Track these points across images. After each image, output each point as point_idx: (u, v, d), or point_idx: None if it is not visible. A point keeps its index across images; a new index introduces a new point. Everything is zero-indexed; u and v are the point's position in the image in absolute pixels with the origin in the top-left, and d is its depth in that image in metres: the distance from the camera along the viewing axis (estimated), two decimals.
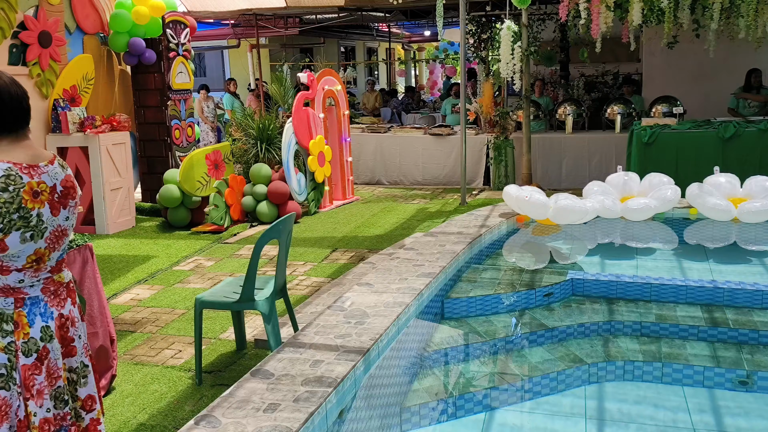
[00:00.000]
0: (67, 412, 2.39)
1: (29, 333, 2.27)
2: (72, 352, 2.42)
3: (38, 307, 2.31)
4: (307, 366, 2.97)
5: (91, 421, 2.47)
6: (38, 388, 2.28)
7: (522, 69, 8.56)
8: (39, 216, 2.24)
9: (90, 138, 7.30)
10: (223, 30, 15.53)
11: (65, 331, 2.40)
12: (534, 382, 3.57)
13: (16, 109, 2.28)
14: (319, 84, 8.52)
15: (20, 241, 2.21)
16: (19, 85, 2.32)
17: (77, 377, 2.44)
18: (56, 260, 2.39)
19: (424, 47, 24.20)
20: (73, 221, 2.44)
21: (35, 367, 2.28)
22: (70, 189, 2.39)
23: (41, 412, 2.29)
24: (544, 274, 4.78)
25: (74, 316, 2.45)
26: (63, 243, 2.40)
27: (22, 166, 2.24)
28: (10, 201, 2.17)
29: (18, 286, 2.28)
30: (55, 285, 2.38)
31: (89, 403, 2.47)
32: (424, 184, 10.24)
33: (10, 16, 6.78)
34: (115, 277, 5.74)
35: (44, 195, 2.27)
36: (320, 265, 5.99)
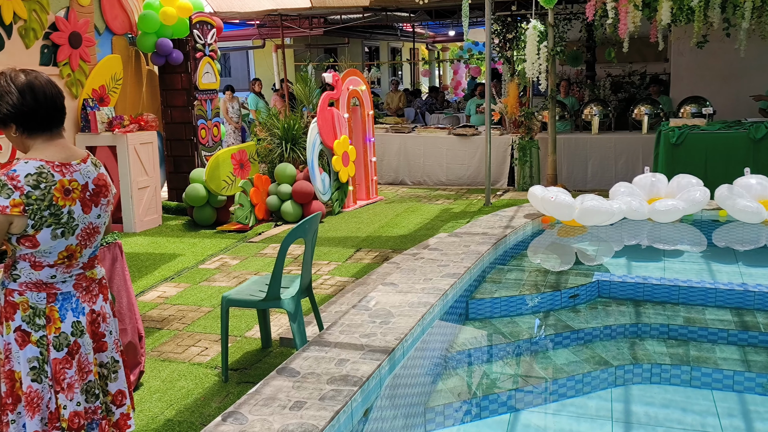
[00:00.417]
0: (98, 406, 2.43)
1: (60, 328, 2.32)
2: (103, 347, 2.47)
3: (70, 303, 2.36)
4: (333, 365, 2.99)
5: (121, 415, 2.51)
6: (69, 382, 2.33)
7: (548, 69, 8.50)
8: (70, 213, 2.29)
9: (118, 137, 7.40)
10: (248, 30, 15.65)
11: (96, 326, 2.44)
12: (559, 384, 3.54)
13: (51, 108, 2.33)
14: (344, 84, 8.54)
15: (51, 237, 2.26)
16: (54, 86, 2.37)
17: (108, 372, 2.49)
18: (88, 257, 2.43)
19: (448, 47, 24.12)
20: (106, 219, 2.48)
21: (66, 361, 2.33)
22: (102, 187, 2.43)
23: (71, 406, 2.33)
24: (570, 275, 4.74)
25: (106, 312, 2.49)
26: (95, 240, 2.44)
27: (54, 165, 2.29)
28: (41, 198, 2.22)
29: (50, 282, 2.33)
30: (87, 281, 2.43)
31: (119, 398, 2.51)
32: (448, 185, 10.21)
33: (42, 17, 6.90)
34: (143, 275, 5.81)
35: (76, 193, 2.32)
36: (344, 265, 6.01)
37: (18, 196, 2.19)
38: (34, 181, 2.22)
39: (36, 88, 2.30)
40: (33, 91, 2.29)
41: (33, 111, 2.29)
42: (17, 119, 2.29)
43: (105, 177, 2.48)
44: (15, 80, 2.29)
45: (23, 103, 2.27)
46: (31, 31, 6.81)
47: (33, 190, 2.21)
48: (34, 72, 2.36)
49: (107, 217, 2.51)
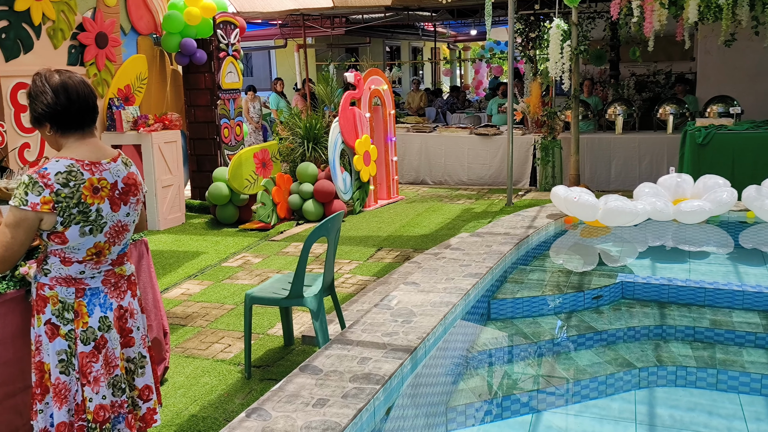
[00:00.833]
0: (124, 400, 2.47)
1: (88, 322, 2.37)
2: (130, 342, 2.51)
3: (98, 298, 2.41)
4: (355, 363, 3.00)
5: (147, 410, 2.56)
6: (95, 375, 2.38)
7: (571, 68, 8.44)
8: (98, 211, 2.33)
9: (143, 136, 7.48)
10: (270, 30, 15.74)
11: (124, 322, 2.49)
12: (582, 385, 3.52)
13: (83, 108, 2.37)
14: (366, 83, 8.56)
15: (79, 234, 2.31)
16: (87, 86, 2.42)
17: (135, 367, 2.53)
18: (117, 254, 2.48)
19: (469, 46, 24.05)
20: (135, 217, 2.52)
21: (92, 355, 2.38)
22: (132, 186, 2.47)
23: (97, 399, 2.38)
24: (593, 276, 4.71)
25: (134, 308, 2.53)
26: (124, 238, 2.48)
27: (84, 163, 2.33)
28: (70, 196, 2.27)
29: (79, 277, 2.38)
30: (115, 277, 2.47)
31: (146, 393, 2.55)
32: (469, 185, 10.18)
33: (69, 18, 7.00)
34: (166, 272, 5.87)
35: (104, 191, 2.36)
36: (365, 264, 6.02)
37: (48, 194, 2.24)
38: (63, 179, 2.27)
39: (69, 88, 2.34)
40: (66, 91, 2.34)
41: (66, 110, 2.34)
42: (51, 118, 2.35)
43: (135, 176, 2.51)
44: (50, 80, 2.35)
45: (57, 103, 2.32)
46: (59, 32, 6.92)
47: (62, 188, 2.26)
48: (68, 72, 2.41)
49: (137, 216, 2.54)
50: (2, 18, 6.29)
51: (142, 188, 2.57)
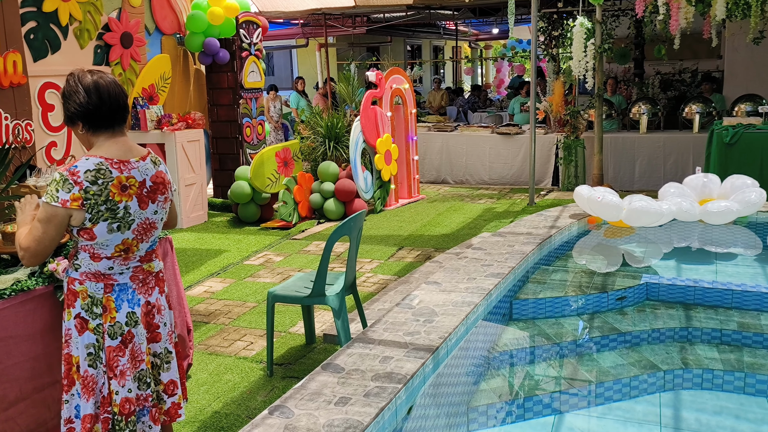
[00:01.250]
0: (149, 394, 2.52)
1: (115, 317, 2.43)
2: (157, 338, 2.55)
3: (126, 294, 2.46)
4: (377, 362, 3.00)
5: (172, 404, 2.60)
6: (121, 369, 2.43)
7: (594, 67, 8.36)
8: (126, 208, 2.38)
9: (167, 135, 7.56)
10: (292, 29, 15.80)
11: (151, 317, 2.53)
12: (605, 387, 3.48)
13: (114, 107, 2.42)
14: (387, 82, 8.56)
15: (107, 231, 2.35)
16: (118, 86, 2.47)
17: (161, 362, 2.57)
18: (145, 251, 2.52)
19: (491, 45, 23.93)
20: (163, 215, 2.56)
21: (119, 350, 2.43)
22: (160, 185, 2.51)
23: (123, 392, 2.43)
24: (617, 277, 4.66)
25: (161, 304, 2.58)
26: (152, 235, 2.52)
27: (112, 161, 2.38)
28: (98, 193, 2.31)
29: (108, 273, 2.43)
30: (144, 274, 2.52)
31: (171, 388, 2.59)
32: (491, 184, 10.14)
33: (95, 18, 7.09)
34: (189, 270, 5.92)
35: (133, 189, 2.40)
36: (386, 263, 6.02)
37: (77, 191, 2.29)
38: (92, 177, 2.32)
39: (101, 88, 2.39)
40: (98, 90, 2.39)
41: (97, 109, 2.39)
42: (83, 117, 2.41)
43: (164, 175, 2.55)
44: (82, 80, 2.40)
45: (89, 102, 2.38)
46: (86, 32, 7.01)
47: (91, 186, 2.31)
48: (100, 72, 2.46)
49: (164, 213, 2.58)
50: (31, 19, 6.38)
51: (171, 187, 2.60)
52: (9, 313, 2.77)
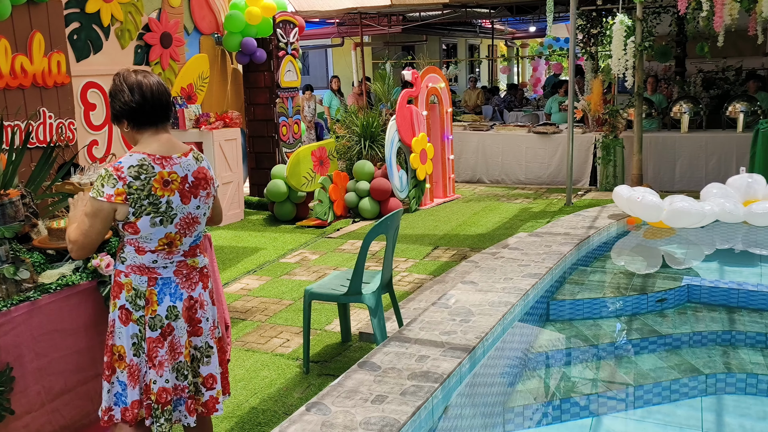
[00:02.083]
0: (185, 385, 2.57)
1: (156, 310, 2.49)
2: (198, 332, 2.60)
3: (169, 288, 2.52)
4: (413, 360, 3.00)
5: (210, 398, 2.63)
6: (159, 360, 2.49)
7: (634, 65, 8.21)
8: (168, 203, 2.44)
9: (204, 134, 7.66)
10: (328, 29, 15.87)
11: (193, 312, 2.58)
12: (645, 390, 3.43)
13: (157, 105, 2.49)
14: (423, 81, 8.54)
15: (150, 225, 2.42)
16: (162, 85, 2.53)
17: (201, 356, 2.61)
18: (189, 245, 2.57)
19: (527, 44, 23.70)
20: (206, 210, 2.61)
21: (159, 341, 2.49)
22: (202, 180, 2.56)
23: (160, 382, 2.50)
24: (657, 278, 4.58)
25: (203, 299, 2.62)
26: (195, 230, 2.57)
27: (155, 157, 2.45)
28: (141, 188, 2.39)
29: (152, 266, 2.50)
30: (187, 269, 2.57)
31: (210, 382, 2.63)
32: (527, 184, 10.04)
33: (136, 18, 7.22)
34: (226, 267, 5.99)
35: (175, 184, 2.46)
36: (422, 262, 6.01)
37: (121, 186, 2.37)
38: (135, 173, 2.39)
39: (144, 87, 2.47)
40: (141, 89, 2.46)
41: (140, 107, 2.47)
42: (128, 115, 2.49)
43: (206, 170, 2.60)
44: (127, 80, 2.49)
45: (132, 100, 2.46)
46: (127, 32, 7.14)
47: (134, 181, 2.38)
48: (144, 72, 2.54)
49: (207, 209, 2.62)
50: (74, 20, 6.53)
51: (214, 183, 2.65)
52: (55, 308, 2.84)
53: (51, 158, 4.11)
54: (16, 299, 2.71)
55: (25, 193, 3.22)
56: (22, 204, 3.09)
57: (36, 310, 2.77)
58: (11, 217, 2.99)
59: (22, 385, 2.72)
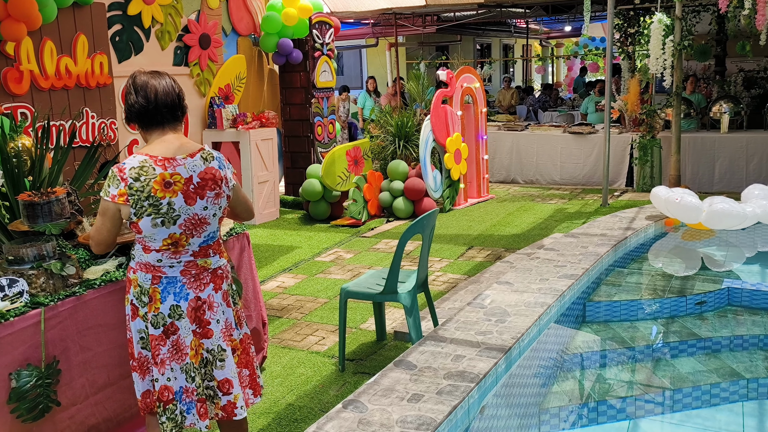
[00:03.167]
0: (194, 388, 2.53)
1: (159, 308, 2.50)
2: (208, 334, 2.55)
3: (174, 287, 2.51)
4: (449, 360, 3.01)
5: (228, 402, 2.58)
6: (161, 358, 2.51)
7: (673, 64, 8.08)
8: (170, 204, 2.43)
9: (241, 133, 7.76)
10: (362, 29, 15.92)
11: (201, 313, 2.54)
12: (684, 393, 3.38)
13: (162, 107, 2.50)
14: (458, 81, 8.52)
15: (151, 225, 2.43)
16: (172, 87, 2.54)
17: (213, 359, 2.56)
18: (199, 246, 2.54)
19: (562, 43, 23.47)
20: (215, 211, 2.55)
21: (161, 339, 2.50)
22: (209, 181, 2.51)
23: (162, 380, 2.52)
24: (696, 281, 4.51)
25: (213, 301, 2.56)
26: (203, 230, 2.54)
27: (157, 159, 2.45)
28: (140, 189, 2.40)
29: (157, 265, 2.51)
30: (197, 269, 2.55)
31: (226, 387, 2.57)
32: (562, 184, 9.95)
33: (176, 20, 7.36)
34: (262, 265, 6.07)
35: (178, 185, 2.45)
36: (456, 262, 6.01)
37: (123, 187, 2.40)
38: (135, 174, 2.41)
39: (149, 89, 2.49)
40: (146, 91, 2.49)
41: (144, 109, 2.49)
42: (134, 117, 2.53)
43: (215, 171, 2.54)
44: (135, 82, 2.52)
45: (136, 102, 2.50)
46: (167, 34, 7.28)
47: (134, 182, 2.40)
48: (157, 73, 2.55)
49: (217, 209, 2.56)
50: (116, 22, 6.68)
51: (226, 183, 2.58)
52: (99, 303, 2.92)
53: (95, 157, 4.21)
54: (62, 294, 2.79)
55: (70, 191, 3.30)
56: (67, 201, 3.18)
57: (81, 304, 2.85)
58: (58, 214, 3.08)
59: (68, 377, 2.81)
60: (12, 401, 2.55)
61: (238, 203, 2.70)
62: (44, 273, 2.78)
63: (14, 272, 2.75)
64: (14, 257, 2.79)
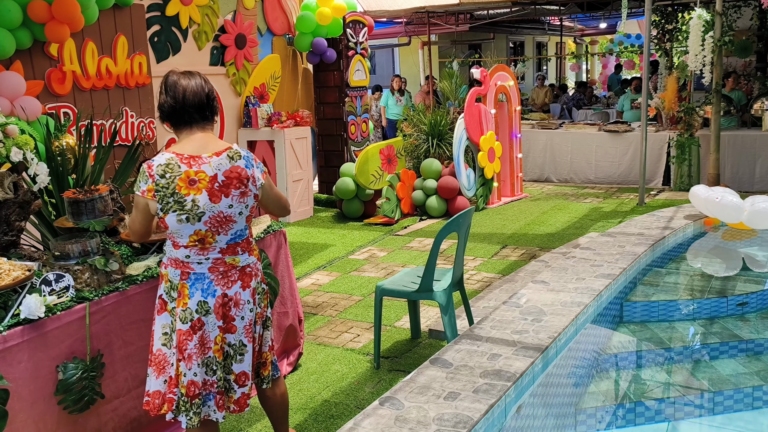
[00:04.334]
0: (214, 380, 2.59)
1: (187, 303, 2.54)
2: (232, 329, 2.61)
3: (202, 283, 2.55)
4: (485, 359, 3.00)
5: (242, 395, 2.66)
6: (189, 353, 2.54)
7: (712, 61, 7.92)
8: (194, 202, 2.48)
9: (276, 132, 7.84)
10: (395, 28, 15.92)
11: (227, 309, 2.58)
12: (725, 396, 3.32)
13: (189, 107, 2.55)
14: (492, 79, 8.48)
15: (176, 221, 2.49)
16: (202, 87, 2.58)
17: (233, 353, 2.63)
18: (226, 243, 2.57)
19: (596, 40, 23.14)
20: (241, 209, 2.57)
21: (188, 334, 2.54)
22: (234, 179, 2.54)
23: (189, 374, 2.55)
24: (737, 281, 4.42)
25: (240, 298, 2.60)
26: (230, 228, 2.57)
27: (183, 157, 2.51)
28: (165, 186, 2.47)
29: (185, 261, 2.56)
30: (225, 266, 2.58)
31: (242, 379, 2.65)
32: (597, 183, 9.84)
33: (212, 20, 7.46)
34: (297, 263, 6.12)
35: (202, 183, 2.49)
36: (490, 261, 5.99)
37: (150, 183, 2.48)
38: (162, 171, 2.48)
39: (177, 89, 2.55)
40: (174, 91, 2.55)
41: (172, 109, 2.56)
42: (165, 116, 2.60)
43: (241, 169, 2.56)
44: (166, 82, 2.59)
45: (165, 102, 2.57)
46: (203, 34, 7.39)
47: (160, 179, 2.47)
48: (189, 73, 2.60)
49: (243, 208, 2.58)
50: (155, 23, 6.80)
51: (253, 182, 2.59)
52: (141, 298, 2.98)
53: (135, 156, 4.30)
54: (106, 289, 2.86)
55: (113, 189, 3.38)
56: (110, 199, 3.26)
57: (124, 299, 2.91)
58: (101, 212, 3.15)
59: (111, 371, 2.87)
60: (59, 393, 2.62)
61: (269, 201, 2.72)
62: (89, 268, 2.85)
63: (60, 268, 2.83)
64: (60, 253, 2.87)
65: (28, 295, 2.55)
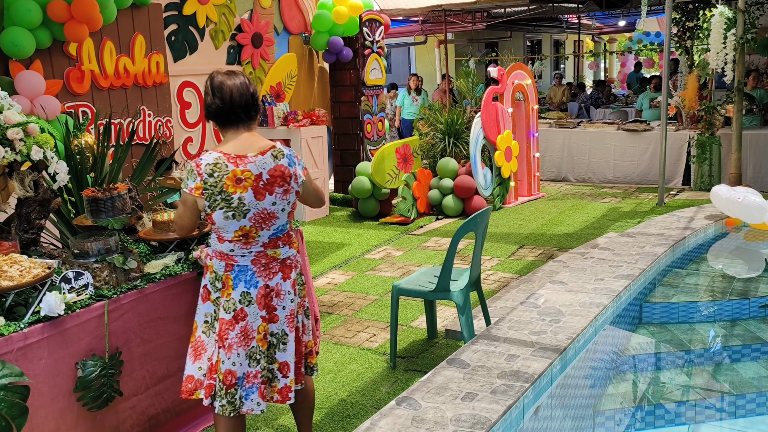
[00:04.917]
0: (258, 371, 2.65)
1: (231, 294, 2.63)
2: (274, 319, 2.69)
3: (245, 275, 2.64)
4: (503, 359, 2.98)
5: (285, 385, 2.71)
6: (229, 342, 2.62)
7: (734, 59, 7.81)
8: (240, 199, 2.57)
9: (292, 131, 7.85)
10: (411, 27, 15.89)
11: (269, 300, 2.67)
12: (747, 399, 3.27)
13: (236, 107, 2.62)
14: (509, 78, 8.43)
15: (223, 218, 2.58)
16: (246, 87, 2.64)
17: (277, 342, 2.71)
18: (269, 237, 2.67)
19: (615, 38, 22.95)
20: (283, 206, 2.67)
21: (230, 324, 2.62)
22: (278, 178, 2.63)
23: (227, 363, 2.61)
24: (760, 283, 4.35)
25: (281, 289, 2.70)
26: (272, 224, 2.66)
27: (230, 156, 2.59)
28: (214, 185, 2.55)
29: (230, 254, 2.65)
30: (267, 259, 2.68)
31: (285, 370, 2.71)
32: (615, 183, 9.74)
33: (229, 20, 7.48)
34: (313, 262, 6.12)
35: (248, 182, 2.58)
36: (507, 261, 5.95)
37: (199, 181, 2.56)
38: (210, 170, 2.56)
39: (224, 89, 2.61)
40: (221, 91, 2.61)
41: (219, 109, 2.62)
42: (211, 116, 2.67)
43: (284, 168, 2.64)
44: (212, 82, 2.65)
45: (213, 102, 2.63)
46: (220, 33, 7.41)
47: (209, 178, 2.55)
48: (233, 73, 2.66)
49: (286, 204, 2.68)
50: (172, 22, 6.83)
51: (296, 179, 2.69)
52: (158, 296, 2.99)
53: (153, 154, 4.32)
54: (124, 287, 2.87)
55: (131, 187, 3.39)
56: (128, 197, 3.27)
57: (142, 298, 2.93)
58: (120, 210, 3.17)
59: (129, 368, 2.89)
60: (78, 390, 2.63)
61: (309, 195, 2.83)
62: (107, 266, 2.87)
63: (79, 265, 2.84)
64: (79, 251, 2.88)
65: (48, 293, 2.57)
